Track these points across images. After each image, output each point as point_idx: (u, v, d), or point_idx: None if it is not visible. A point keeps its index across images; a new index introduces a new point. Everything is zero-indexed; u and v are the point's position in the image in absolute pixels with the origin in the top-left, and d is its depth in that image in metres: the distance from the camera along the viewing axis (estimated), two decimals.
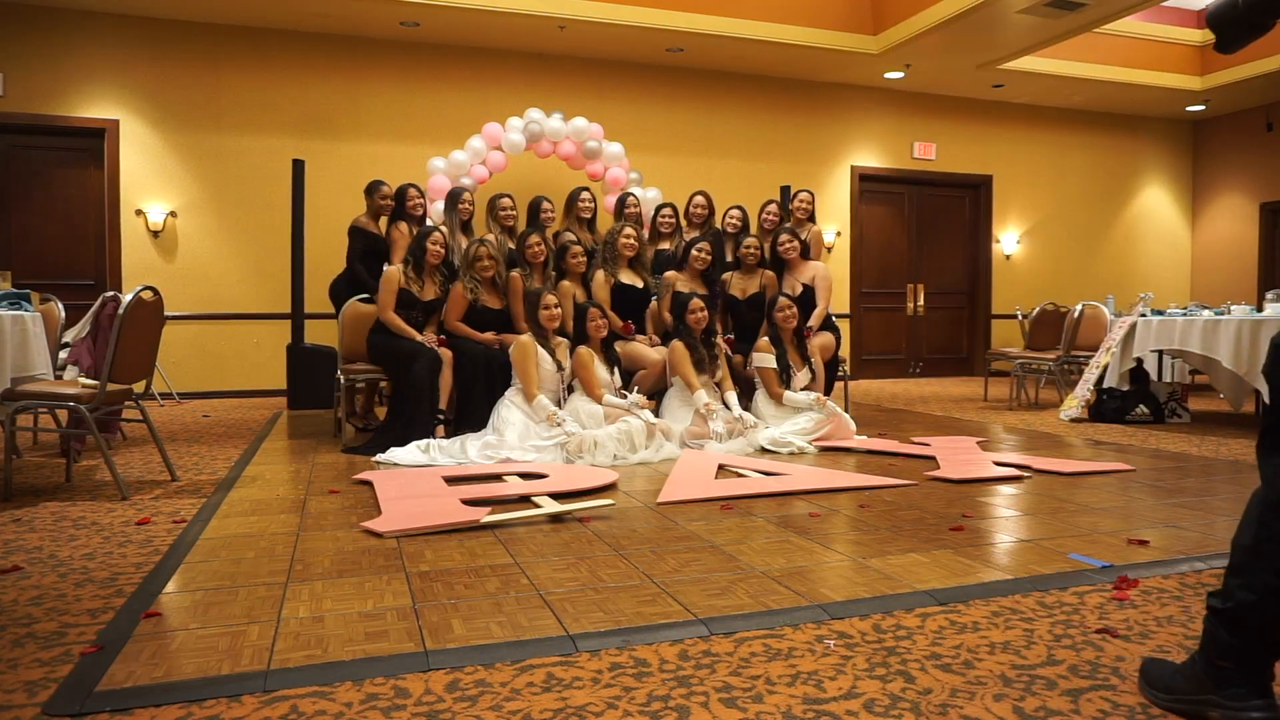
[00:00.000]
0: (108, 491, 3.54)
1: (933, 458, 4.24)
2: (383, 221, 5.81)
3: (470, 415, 4.67)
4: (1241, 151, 10.57)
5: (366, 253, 5.63)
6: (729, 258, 5.63)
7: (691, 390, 4.65)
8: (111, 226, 7.29)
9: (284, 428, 5.57)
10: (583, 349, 4.58)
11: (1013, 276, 10.34)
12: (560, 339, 4.69)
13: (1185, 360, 6.32)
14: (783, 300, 4.90)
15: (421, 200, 5.69)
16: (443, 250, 4.97)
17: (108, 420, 4.37)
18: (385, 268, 5.07)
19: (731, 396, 4.78)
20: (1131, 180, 10.92)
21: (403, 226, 5.54)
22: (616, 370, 4.77)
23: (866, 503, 3.31)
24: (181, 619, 2.04)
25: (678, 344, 4.75)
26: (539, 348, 4.51)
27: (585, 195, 5.87)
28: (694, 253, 5.24)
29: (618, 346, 4.99)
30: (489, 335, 4.94)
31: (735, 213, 5.89)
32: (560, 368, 4.58)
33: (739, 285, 5.39)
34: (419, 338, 4.80)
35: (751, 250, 5.35)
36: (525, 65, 8.25)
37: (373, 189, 5.78)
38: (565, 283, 5.10)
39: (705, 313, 4.79)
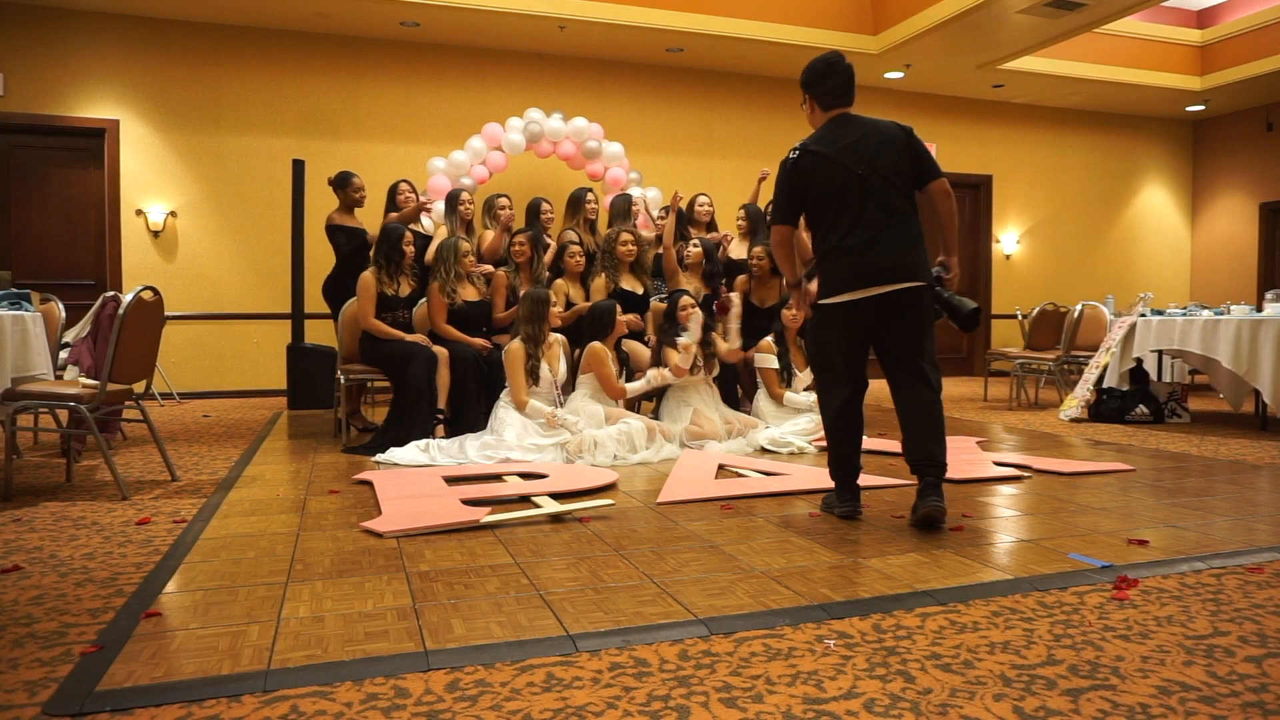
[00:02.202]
0: (108, 491, 3.55)
1: None
2: (359, 214, 5.66)
3: (464, 416, 4.67)
4: (1241, 151, 10.57)
5: (352, 248, 5.48)
6: (746, 255, 5.64)
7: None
8: (111, 226, 7.29)
9: (284, 428, 5.57)
10: (599, 344, 4.55)
11: (1013, 276, 10.34)
12: (555, 335, 4.67)
13: (1185, 360, 6.32)
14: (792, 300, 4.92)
15: (412, 195, 5.67)
16: (413, 249, 4.96)
17: (108, 420, 4.38)
18: (362, 275, 4.87)
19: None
20: (1131, 180, 10.92)
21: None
22: (624, 372, 4.76)
23: (866, 503, 3.30)
24: (181, 619, 2.04)
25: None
26: (526, 355, 4.48)
27: (590, 197, 5.82)
28: (687, 253, 5.28)
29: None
30: (480, 341, 4.90)
31: (743, 212, 5.91)
32: (552, 371, 4.55)
33: (757, 295, 5.40)
34: (408, 338, 4.77)
35: (757, 261, 5.36)
36: (525, 65, 8.25)
37: (344, 182, 5.57)
38: (559, 281, 5.11)
39: (696, 308, 4.79)
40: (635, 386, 4.53)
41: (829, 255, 2.97)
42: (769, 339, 4.99)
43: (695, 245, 5.31)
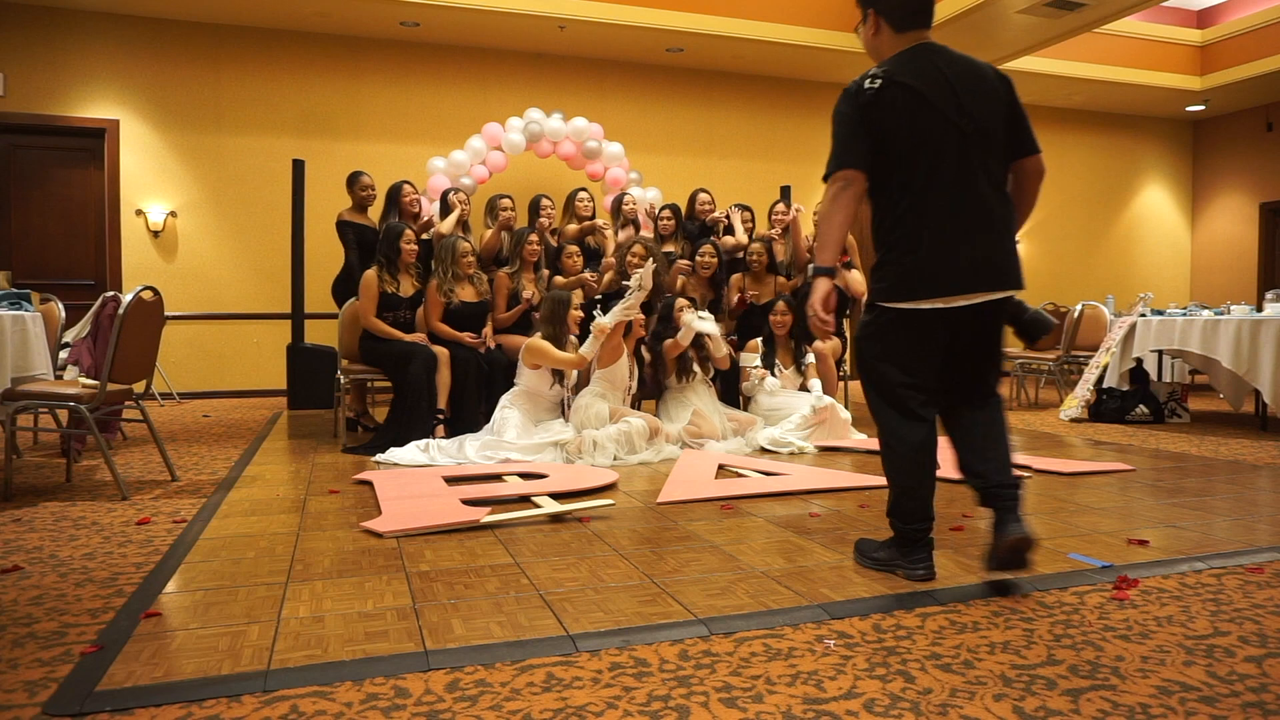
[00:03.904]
0: (108, 491, 3.55)
1: None
2: (370, 213, 5.80)
3: (464, 416, 4.67)
4: (1241, 151, 10.57)
5: (359, 243, 5.59)
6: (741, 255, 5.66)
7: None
8: (111, 226, 7.29)
9: (284, 428, 5.57)
10: (533, 339, 4.54)
11: None
12: (573, 339, 4.65)
13: (1185, 360, 6.32)
14: (780, 305, 4.99)
15: (416, 196, 5.70)
16: (416, 247, 4.97)
17: (108, 420, 4.38)
18: (365, 274, 4.91)
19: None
20: (1131, 180, 10.92)
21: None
22: (635, 371, 4.75)
23: (866, 503, 3.31)
24: (181, 619, 2.04)
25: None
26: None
27: (583, 195, 5.90)
28: (699, 259, 5.28)
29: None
30: (467, 336, 4.87)
31: (744, 214, 5.91)
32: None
33: (752, 291, 5.40)
34: (407, 338, 4.77)
35: (755, 258, 5.36)
36: (525, 65, 8.25)
37: (352, 181, 5.76)
38: (559, 279, 5.12)
39: (691, 309, 4.79)
40: (590, 345, 4.41)
41: (907, 240, 2.20)
42: (757, 339, 5.08)
43: (711, 257, 5.29)
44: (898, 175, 2.20)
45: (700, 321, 4.57)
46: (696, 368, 4.75)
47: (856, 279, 5.48)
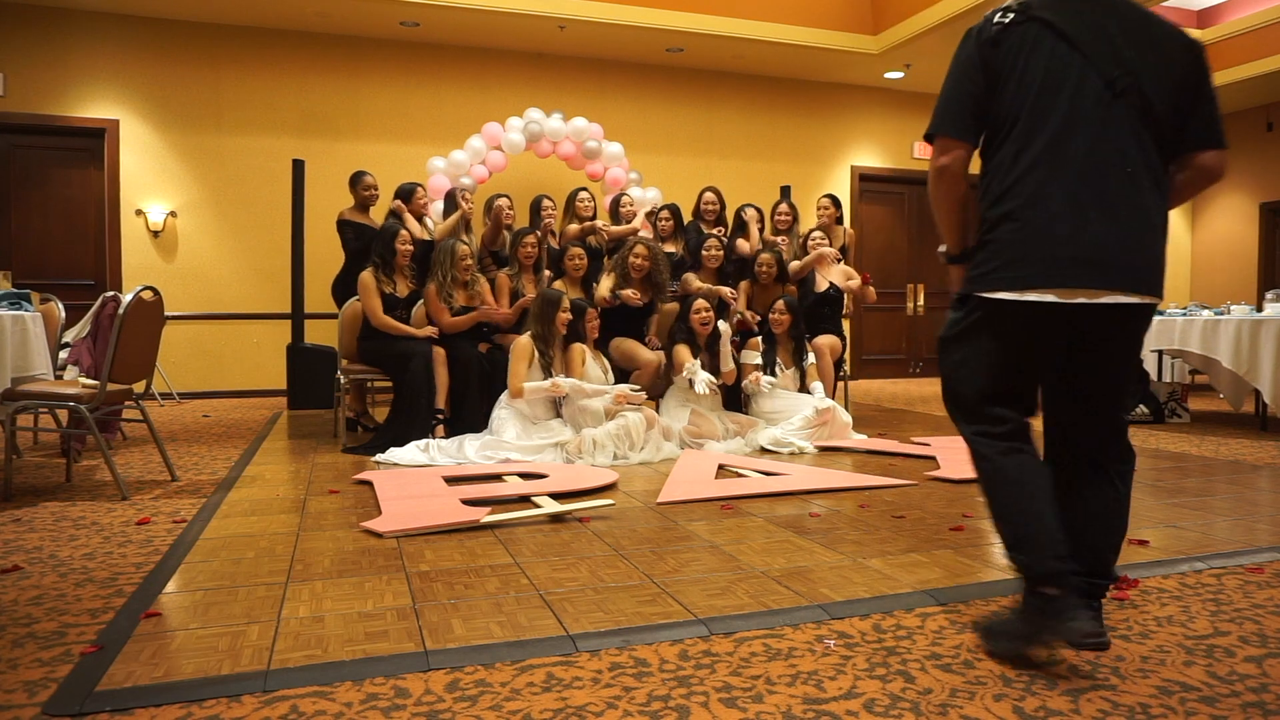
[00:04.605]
0: (108, 491, 3.55)
1: (933, 458, 4.24)
2: (372, 212, 5.78)
3: (464, 416, 4.67)
4: (1241, 151, 10.56)
5: (358, 243, 5.59)
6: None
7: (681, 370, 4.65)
8: (111, 226, 7.29)
9: (284, 428, 5.57)
10: (577, 345, 4.57)
11: None
12: (577, 344, 4.63)
13: (1185, 360, 6.32)
14: (779, 304, 4.98)
15: (426, 201, 5.71)
16: (411, 248, 4.98)
17: (108, 420, 4.38)
18: (361, 276, 4.90)
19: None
20: None
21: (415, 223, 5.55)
22: (610, 370, 4.75)
23: (866, 503, 3.31)
24: (181, 619, 2.04)
25: (681, 346, 4.74)
26: (536, 352, 4.46)
27: (584, 195, 5.88)
28: (704, 253, 5.27)
29: (613, 345, 4.98)
30: (490, 309, 4.87)
31: (751, 212, 5.89)
32: (573, 376, 4.54)
33: (760, 301, 5.40)
34: (418, 334, 4.78)
35: (765, 269, 5.34)
36: (525, 65, 8.25)
37: (356, 180, 5.75)
38: (560, 283, 5.11)
39: (710, 313, 4.79)
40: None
41: (1020, 212, 1.74)
42: (757, 338, 5.09)
43: (718, 250, 5.30)
44: (1018, 132, 1.75)
45: (699, 376, 4.62)
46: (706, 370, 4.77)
47: (868, 292, 5.59)
